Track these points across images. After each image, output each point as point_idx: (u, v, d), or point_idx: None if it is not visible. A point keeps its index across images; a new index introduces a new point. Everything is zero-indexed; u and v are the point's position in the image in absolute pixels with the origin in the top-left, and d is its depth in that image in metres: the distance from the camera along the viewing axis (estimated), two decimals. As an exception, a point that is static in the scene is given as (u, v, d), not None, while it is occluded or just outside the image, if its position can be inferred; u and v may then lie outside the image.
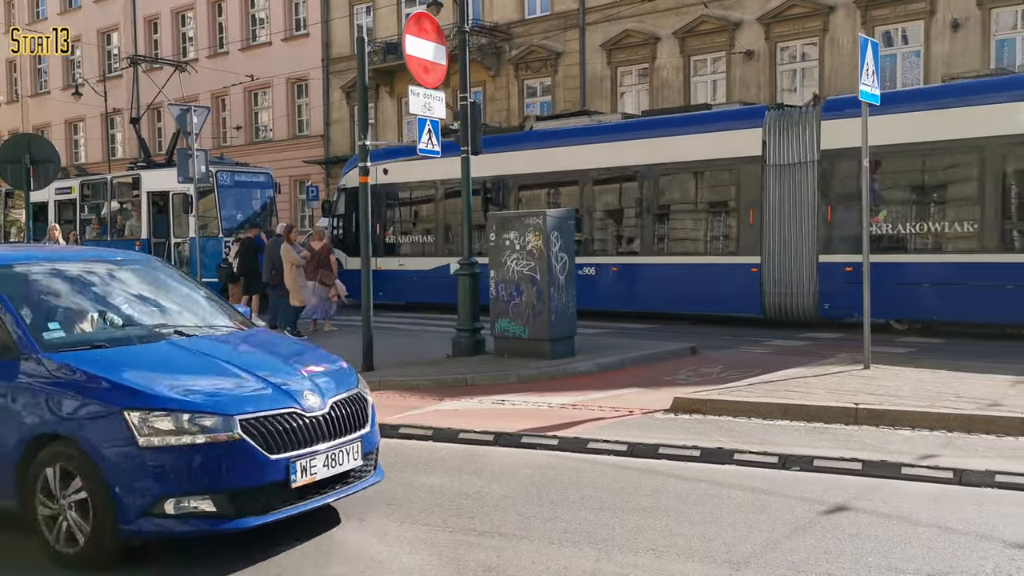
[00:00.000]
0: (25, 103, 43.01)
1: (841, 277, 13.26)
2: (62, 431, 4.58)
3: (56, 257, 6.16)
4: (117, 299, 5.74)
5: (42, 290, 5.47)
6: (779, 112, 14.68)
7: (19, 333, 4.92)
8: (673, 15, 23.07)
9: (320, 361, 5.56)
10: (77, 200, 22.64)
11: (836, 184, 13.67)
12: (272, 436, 4.61)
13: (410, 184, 18.66)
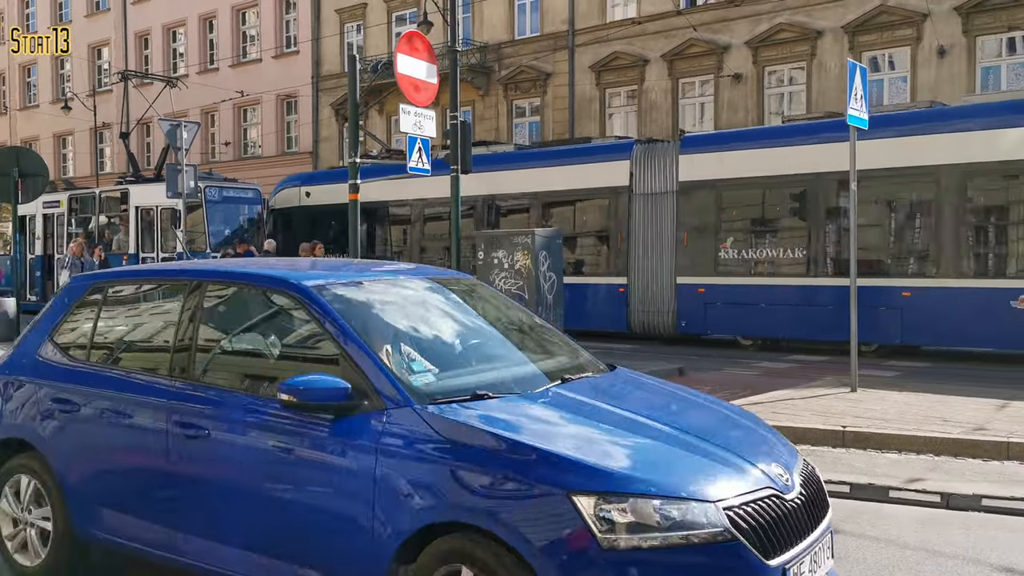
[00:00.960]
0: (14, 116, 42.89)
1: (696, 297, 14.74)
2: (467, 519, 3.21)
3: (387, 274, 4.89)
4: (468, 329, 4.50)
5: (385, 316, 4.21)
6: (645, 146, 15.93)
7: (381, 375, 3.61)
8: (662, 38, 23.26)
9: (742, 417, 4.16)
10: (65, 214, 22.55)
11: (691, 212, 14.86)
12: (764, 531, 3.15)
13: (333, 206, 18.34)
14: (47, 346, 4.85)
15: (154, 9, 36.38)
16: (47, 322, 4.98)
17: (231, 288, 4.54)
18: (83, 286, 5.06)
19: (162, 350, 4.44)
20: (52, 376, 4.72)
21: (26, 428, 4.73)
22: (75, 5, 39.88)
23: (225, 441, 3.95)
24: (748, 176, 14.14)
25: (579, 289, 15.53)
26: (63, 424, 4.57)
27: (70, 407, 4.55)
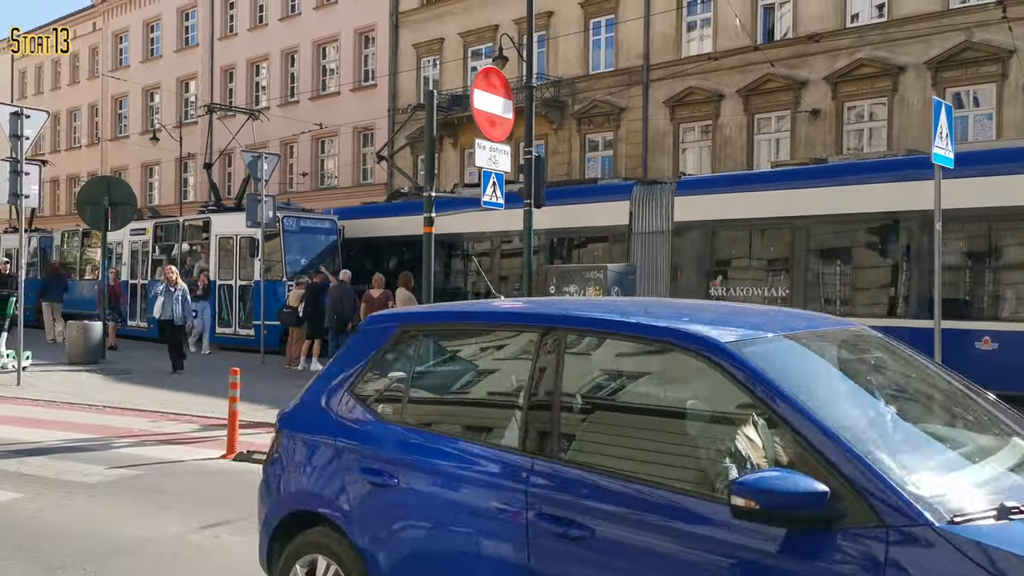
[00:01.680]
0: (105, 146, 44.69)
1: None
2: None
3: (810, 323, 3.78)
4: (910, 399, 3.55)
5: (839, 386, 3.35)
6: (644, 188, 16.39)
7: (870, 474, 2.63)
8: (738, 73, 23.12)
9: None
10: (150, 241, 23.31)
11: (685, 251, 15.32)
12: None
13: (365, 239, 20.93)
14: (344, 399, 4.00)
15: (239, 44, 37.64)
16: (342, 369, 4.17)
17: (601, 339, 3.54)
18: (387, 328, 4.15)
19: (505, 415, 3.66)
20: (356, 437, 3.88)
21: (325, 500, 3.88)
22: (166, 41, 41.50)
23: (614, 545, 2.98)
24: (736, 218, 14.68)
25: None
26: (375, 500, 3.70)
27: (384, 479, 3.67)
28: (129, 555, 5.57)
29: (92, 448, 9.13)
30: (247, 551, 5.63)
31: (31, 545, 5.73)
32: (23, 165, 13.46)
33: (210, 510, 6.66)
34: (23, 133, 13.36)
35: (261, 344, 17.57)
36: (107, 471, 7.99)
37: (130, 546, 5.75)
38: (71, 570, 5.24)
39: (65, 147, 47.56)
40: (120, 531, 6.11)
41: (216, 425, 10.31)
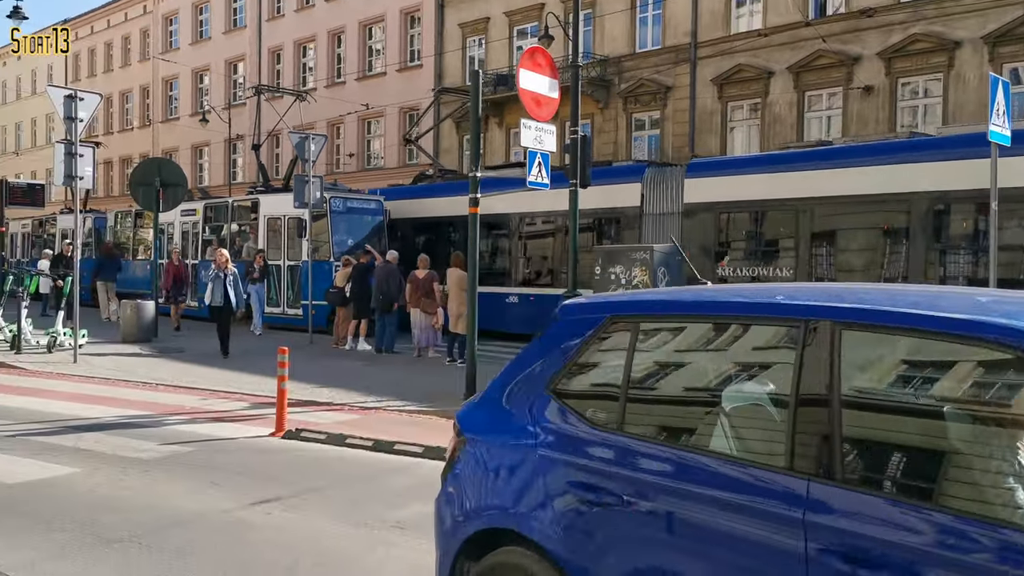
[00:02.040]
0: (156, 128, 45.39)
1: None
2: None
3: None
4: None
5: None
6: (655, 170, 16.75)
7: None
8: (788, 49, 22.71)
9: None
10: (200, 222, 23.67)
11: (695, 232, 15.36)
12: None
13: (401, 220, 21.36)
14: (544, 399, 3.52)
15: (287, 26, 37.89)
16: (535, 364, 3.67)
17: (887, 334, 2.83)
18: (593, 318, 3.61)
19: (756, 426, 3.07)
20: (562, 445, 3.38)
21: (522, 516, 3.39)
22: (214, 23, 41.92)
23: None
24: (745, 199, 14.86)
25: None
26: (588, 520, 3.22)
27: (600, 496, 3.20)
28: (182, 529, 5.69)
29: (146, 425, 9.34)
30: (298, 527, 5.74)
31: (88, 519, 5.88)
32: (77, 147, 13.72)
33: (260, 487, 6.78)
34: (77, 115, 13.60)
35: (309, 324, 17.79)
36: (160, 447, 8.17)
37: (183, 520, 5.88)
38: (127, 543, 5.38)
39: (118, 129, 48.41)
40: (173, 506, 6.25)
41: (265, 403, 10.48)
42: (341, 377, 12.75)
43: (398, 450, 8.16)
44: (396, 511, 6.15)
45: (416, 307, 15.48)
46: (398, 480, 7.11)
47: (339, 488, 6.83)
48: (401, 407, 10.50)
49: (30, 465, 7.33)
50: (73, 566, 4.97)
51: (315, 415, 10.02)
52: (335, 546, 5.38)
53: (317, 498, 6.51)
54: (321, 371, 13.24)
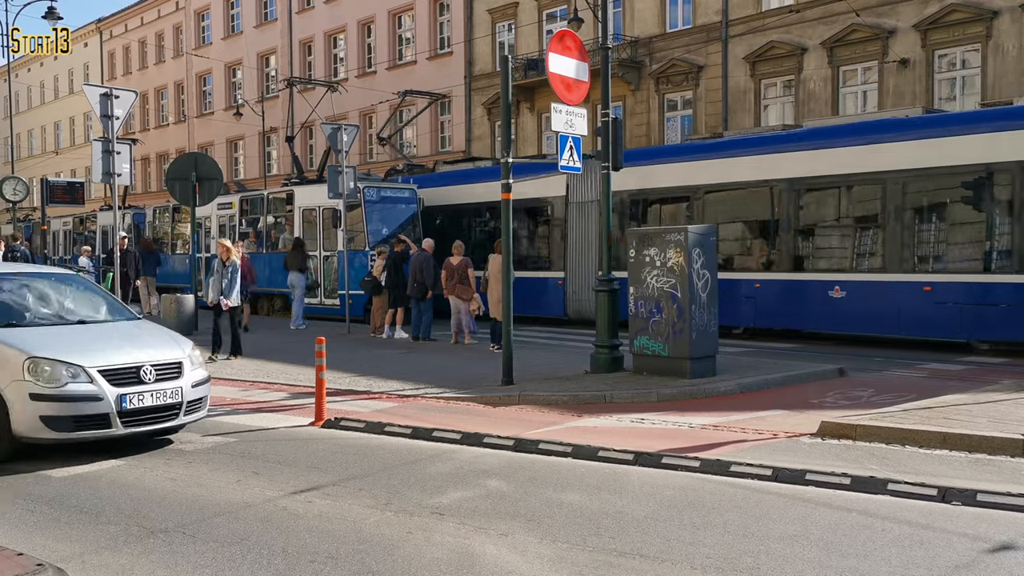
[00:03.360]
0: (191, 123, 45.88)
1: None
2: None
3: None
4: None
5: None
6: (590, 162, 17.72)
7: None
8: (821, 24, 22.36)
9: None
10: (237, 215, 23.91)
11: (613, 217, 16.10)
12: None
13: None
14: None
15: (317, 17, 38.05)
16: None
17: None
18: None
19: None
20: None
21: None
22: (245, 17, 42.22)
23: None
24: (651, 187, 17.17)
25: (529, 282, 18.37)
26: None
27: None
28: (227, 518, 5.78)
29: (188, 416, 9.47)
30: (338, 514, 5.80)
31: (132, 509, 5.99)
32: (114, 144, 13.90)
33: (302, 475, 6.86)
34: (113, 113, 13.77)
35: (346, 313, 17.92)
36: (203, 438, 8.30)
37: (227, 510, 5.97)
38: (172, 533, 5.47)
39: (154, 125, 49.02)
40: (217, 496, 6.34)
41: (304, 393, 10.59)
42: (379, 365, 12.84)
43: (437, 437, 8.20)
44: (435, 497, 6.19)
45: (452, 294, 15.53)
46: (437, 467, 7.16)
47: (379, 476, 6.89)
48: (439, 394, 10.55)
49: (75, 459, 7.48)
50: (122, 557, 5.07)
51: (354, 404, 10.10)
52: (376, 533, 5.44)
53: (357, 486, 6.57)
54: (359, 360, 13.34)
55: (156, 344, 8.02)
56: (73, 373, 7.15)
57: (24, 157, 57.93)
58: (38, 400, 7.02)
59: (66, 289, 8.95)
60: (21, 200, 27.79)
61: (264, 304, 22.63)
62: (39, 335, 7.65)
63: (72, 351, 7.33)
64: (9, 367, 7.13)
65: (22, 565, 4.52)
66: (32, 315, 8.17)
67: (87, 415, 7.16)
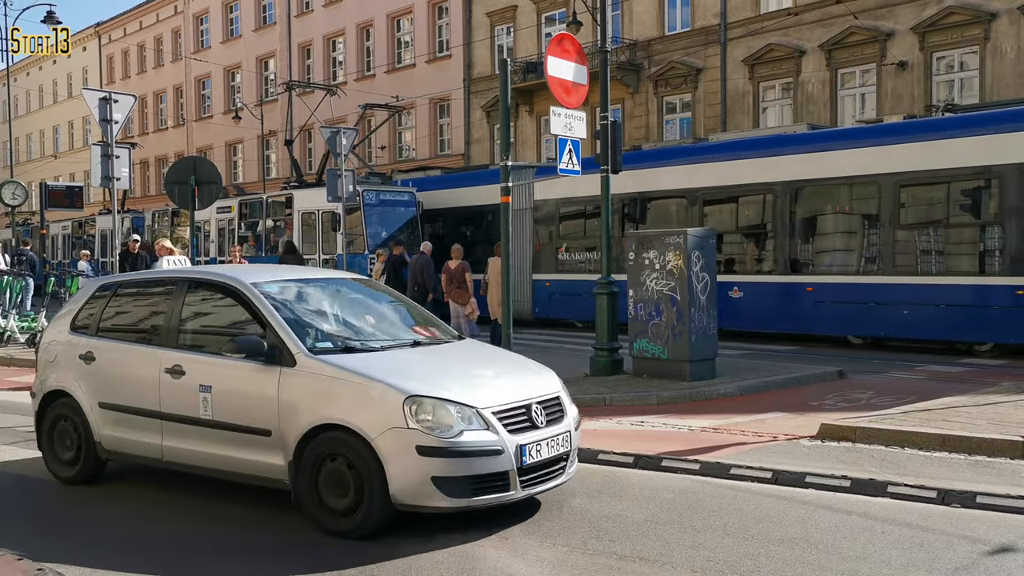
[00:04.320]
0: (190, 127, 45.89)
1: (544, 290, 19.27)
2: None
3: None
4: None
5: None
6: (515, 172, 20.67)
7: None
8: (819, 27, 22.39)
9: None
10: (236, 219, 23.91)
11: (541, 225, 19.52)
12: None
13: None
14: None
15: (316, 21, 38.08)
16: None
17: None
18: None
19: None
20: None
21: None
22: (244, 21, 42.25)
23: None
24: (572, 196, 18.23)
25: None
26: None
27: None
28: (226, 521, 5.78)
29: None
30: (337, 519, 5.78)
31: (134, 512, 5.99)
32: (113, 148, 13.89)
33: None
34: (112, 117, 13.76)
35: (346, 317, 17.89)
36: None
37: (227, 512, 5.97)
38: (173, 536, 5.48)
39: (152, 129, 49.02)
40: (217, 498, 6.34)
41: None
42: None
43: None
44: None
45: (451, 297, 15.52)
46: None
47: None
48: (438, 397, 10.52)
49: (77, 462, 7.47)
50: (123, 560, 5.07)
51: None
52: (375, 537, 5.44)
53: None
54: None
55: (528, 373, 6.22)
56: (466, 417, 5.29)
57: (23, 161, 57.94)
58: (428, 455, 5.14)
59: (356, 297, 7.10)
60: (20, 204, 27.79)
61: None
62: (389, 363, 5.78)
63: (450, 385, 5.49)
64: (380, 409, 5.27)
65: (23, 569, 4.52)
66: (363, 335, 6.29)
67: (486, 475, 5.28)
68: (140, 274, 7.32)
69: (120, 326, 6.85)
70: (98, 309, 6.91)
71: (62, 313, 7.36)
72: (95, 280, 7.39)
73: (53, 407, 6.87)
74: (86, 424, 6.56)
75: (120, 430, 6.40)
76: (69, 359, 6.80)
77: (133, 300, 7.08)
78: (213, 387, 5.85)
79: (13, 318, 16.80)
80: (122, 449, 6.44)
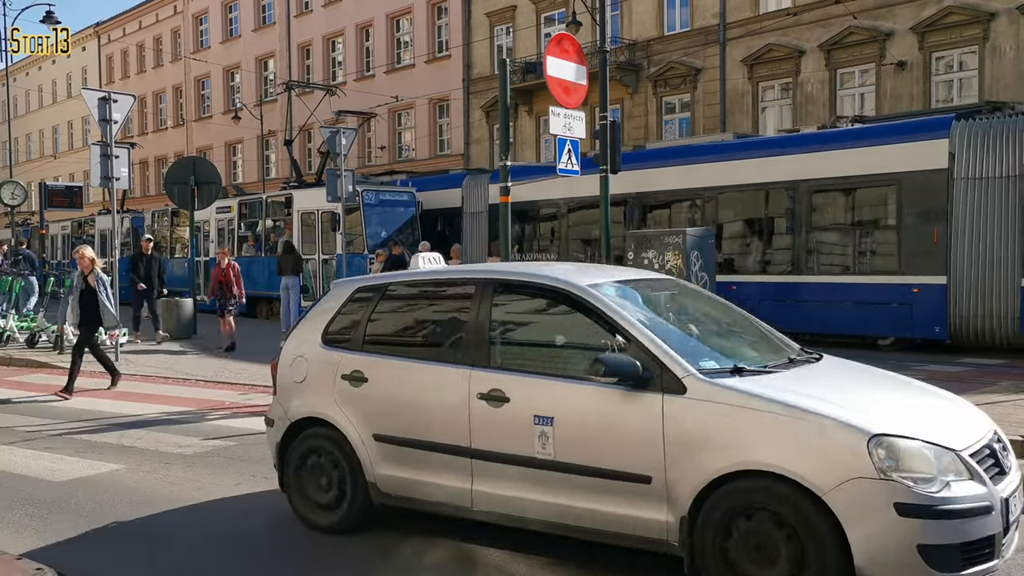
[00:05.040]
0: (190, 127, 45.89)
1: None
2: None
3: None
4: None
5: None
6: (472, 177, 21.28)
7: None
8: (818, 27, 22.41)
9: None
10: (236, 219, 23.91)
11: (496, 227, 19.00)
12: None
13: None
14: None
15: (315, 21, 38.08)
16: None
17: None
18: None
19: None
20: None
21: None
22: (244, 21, 42.25)
23: None
24: (525, 200, 17.99)
25: None
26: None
27: None
28: (226, 523, 5.79)
29: (187, 420, 9.49)
30: (336, 519, 5.79)
31: (132, 514, 6.00)
32: (113, 148, 13.91)
33: (300, 479, 6.85)
34: (111, 117, 13.78)
35: (345, 317, 17.90)
36: (202, 442, 8.30)
37: (227, 514, 5.97)
38: (172, 537, 5.48)
39: (152, 129, 49.03)
40: (217, 500, 6.35)
41: (304, 396, 10.56)
42: (377, 369, 12.80)
43: (435, 440, 8.20)
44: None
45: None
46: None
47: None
48: (437, 398, 10.53)
49: (76, 463, 7.48)
50: (122, 561, 5.07)
51: (353, 407, 10.08)
52: (376, 534, 5.44)
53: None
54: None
55: (940, 397, 4.94)
56: (947, 463, 4.03)
57: (22, 161, 57.99)
58: (911, 515, 3.87)
59: (691, 301, 5.87)
60: (19, 204, 27.81)
61: (263, 308, 22.64)
62: (803, 387, 4.46)
63: (909, 420, 4.29)
64: (833, 453, 4.00)
65: (22, 569, 4.52)
66: (741, 353, 5.04)
67: (975, 540, 3.98)
68: (414, 274, 5.85)
69: (398, 339, 5.65)
70: (361, 317, 5.62)
71: (305, 322, 5.98)
72: (348, 281, 6.08)
73: (304, 438, 5.66)
74: (354, 461, 5.33)
75: (406, 469, 5.15)
76: (326, 380, 5.53)
77: (410, 306, 5.84)
78: (555, 418, 4.59)
79: (12, 318, 16.80)
80: (408, 493, 5.20)
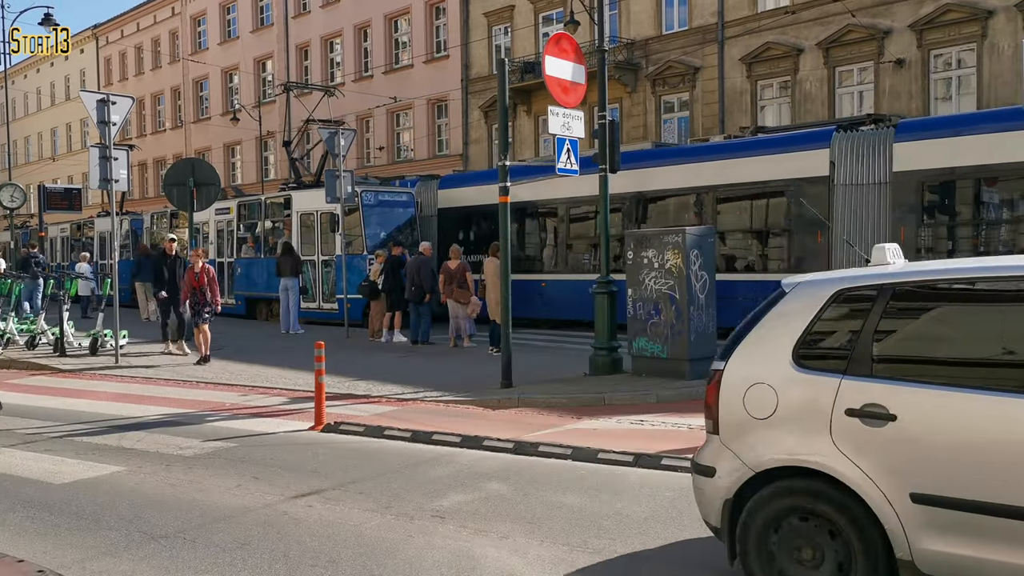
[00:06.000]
0: (188, 129, 45.86)
1: None
2: None
3: None
4: None
5: None
6: (424, 183, 22.61)
7: None
8: (817, 25, 22.40)
9: None
10: (235, 220, 23.90)
11: (446, 228, 21.20)
12: None
13: None
14: None
15: (313, 22, 38.06)
16: None
17: None
18: None
19: None
20: None
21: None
22: (242, 22, 42.23)
23: None
24: (472, 205, 20.22)
25: None
26: None
27: None
28: (227, 523, 5.78)
29: (187, 422, 9.49)
30: (339, 519, 5.80)
31: (133, 516, 5.99)
32: (111, 150, 13.90)
33: (302, 480, 6.86)
34: (110, 119, 13.78)
35: (345, 318, 17.92)
36: (203, 444, 8.30)
37: (227, 516, 5.97)
38: (172, 539, 5.48)
39: (150, 131, 49.00)
40: (217, 501, 6.34)
41: (304, 398, 10.59)
42: (378, 370, 12.84)
43: (436, 440, 8.21)
44: (435, 500, 6.19)
45: (450, 298, 15.54)
46: (437, 470, 7.16)
47: (379, 480, 6.89)
48: (438, 397, 10.56)
49: (76, 465, 7.48)
50: (122, 563, 5.07)
51: (353, 408, 10.11)
52: (377, 536, 5.44)
53: (358, 490, 6.57)
54: (358, 364, 13.36)
55: None
56: None
57: (21, 164, 57.97)
58: None
59: None
60: (18, 207, 27.76)
61: (263, 309, 22.63)
62: None
63: None
64: None
65: (23, 572, 4.52)
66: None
67: None
68: (931, 271, 4.25)
69: (939, 359, 4.01)
70: (859, 329, 4.05)
71: (755, 333, 4.45)
72: (818, 280, 4.42)
73: (775, 495, 4.13)
74: (870, 529, 3.86)
75: (971, 545, 3.64)
76: (816, 416, 4.02)
77: (947, 314, 4.12)
78: None
79: (12, 320, 16.81)
80: None
